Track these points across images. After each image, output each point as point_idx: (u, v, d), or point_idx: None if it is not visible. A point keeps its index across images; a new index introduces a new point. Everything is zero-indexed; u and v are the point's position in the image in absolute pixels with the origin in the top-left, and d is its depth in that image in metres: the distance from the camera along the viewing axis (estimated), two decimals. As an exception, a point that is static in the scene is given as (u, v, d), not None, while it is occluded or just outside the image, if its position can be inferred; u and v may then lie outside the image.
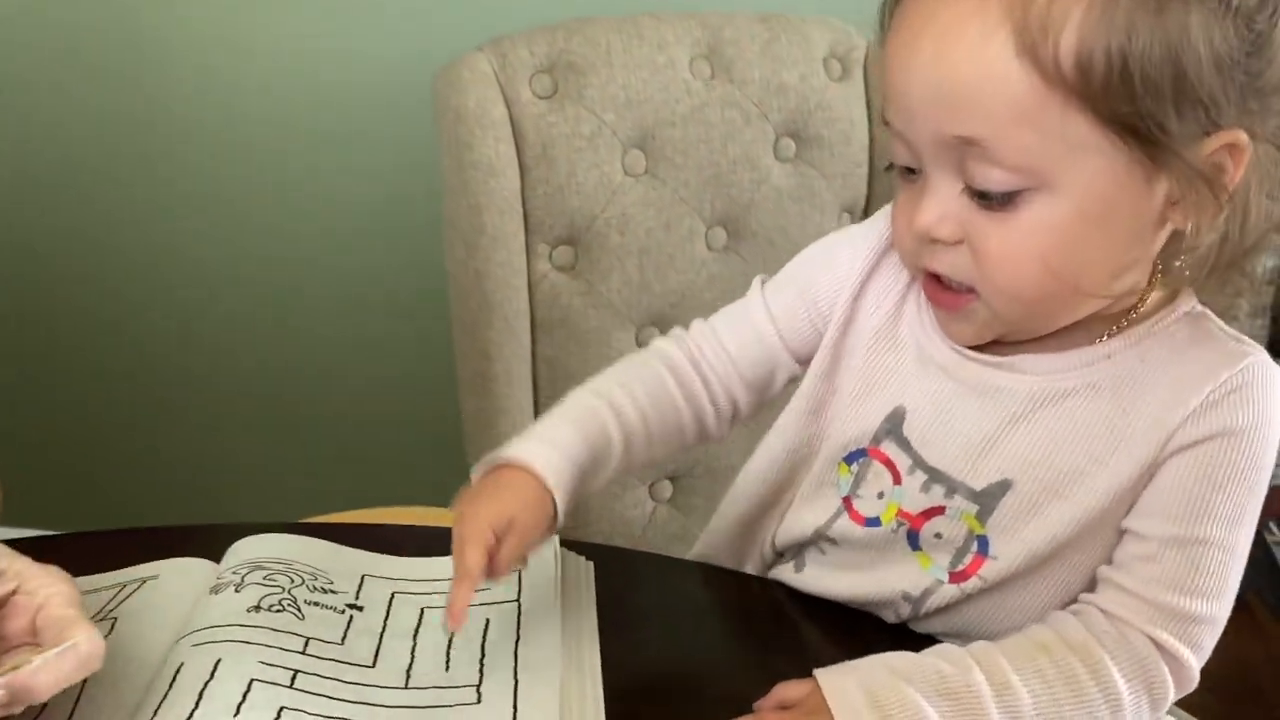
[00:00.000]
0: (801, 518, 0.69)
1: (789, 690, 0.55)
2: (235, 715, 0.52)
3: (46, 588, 0.50)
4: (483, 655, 0.60)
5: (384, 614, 0.63)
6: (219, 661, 0.55)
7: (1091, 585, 0.61)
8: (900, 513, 0.63)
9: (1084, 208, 0.52)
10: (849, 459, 0.65)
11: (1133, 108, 0.49)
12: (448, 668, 0.59)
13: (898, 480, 0.63)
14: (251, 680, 0.54)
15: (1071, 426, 0.59)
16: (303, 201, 1.45)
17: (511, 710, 0.56)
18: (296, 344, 1.50)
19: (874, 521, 0.64)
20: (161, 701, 0.53)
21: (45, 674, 0.47)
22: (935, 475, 0.61)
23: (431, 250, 1.13)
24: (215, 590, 0.62)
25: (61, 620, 0.49)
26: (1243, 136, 0.52)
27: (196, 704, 0.53)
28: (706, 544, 0.77)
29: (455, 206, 1.05)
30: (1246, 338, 0.59)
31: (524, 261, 1.07)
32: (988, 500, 0.60)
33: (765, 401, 0.72)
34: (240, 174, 1.43)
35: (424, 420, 1.44)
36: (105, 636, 0.59)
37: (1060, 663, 0.55)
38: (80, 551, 0.66)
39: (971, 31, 0.50)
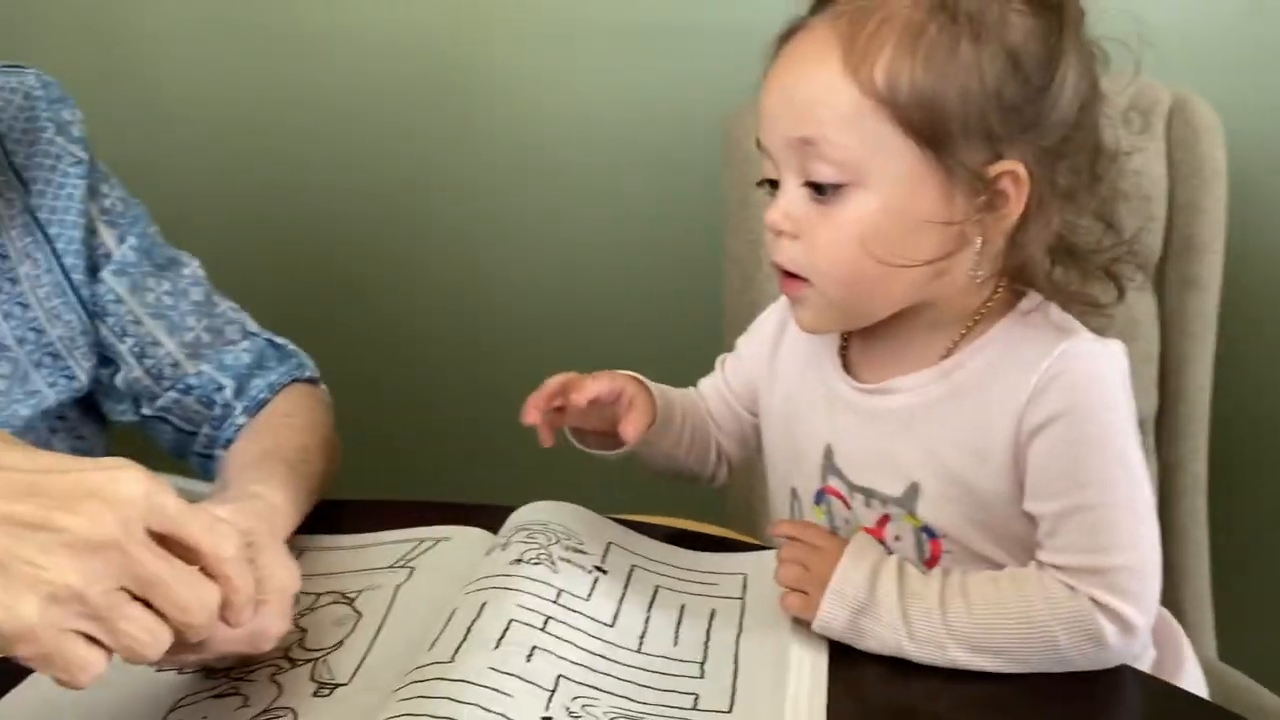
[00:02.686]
0: None
1: (815, 533, 0.69)
2: (495, 648, 0.60)
3: (274, 579, 0.60)
4: (707, 640, 0.66)
5: (624, 582, 0.70)
6: (484, 604, 0.64)
7: None
8: (864, 530, 0.72)
9: (890, 203, 0.64)
10: (817, 500, 0.76)
11: (927, 124, 0.62)
12: (675, 643, 0.65)
13: (848, 506, 0.73)
14: (510, 620, 0.63)
15: (945, 429, 0.68)
16: (597, 221, 1.59)
17: (730, 690, 0.62)
18: (583, 355, 1.63)
19: None
20: (438, 636, 0.62)
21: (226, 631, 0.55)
22: (867, 492, 0.72)
23: (708, 280, 1.22)
24: (488, 553, 0.72)
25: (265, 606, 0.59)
26: (1022, 169, 0.63)
27: (465, 637, 0.61)
28: None
29: (735, 242, 1.13)
30: (1072, 322, 0.68)
31: (796, 298, 1.12)
32: (908, 502, 0.70)
33: (748, 452, 0.86)
34: (546, 193, 1.60)
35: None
36: (403, 583, 0.72)
37: (1010, 588, 0.65)
38: (395, 513, 0.81)
39: (814, 53, 0.64)
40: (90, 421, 0.93)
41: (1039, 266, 0.66)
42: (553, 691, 0.59)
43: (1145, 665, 0.74)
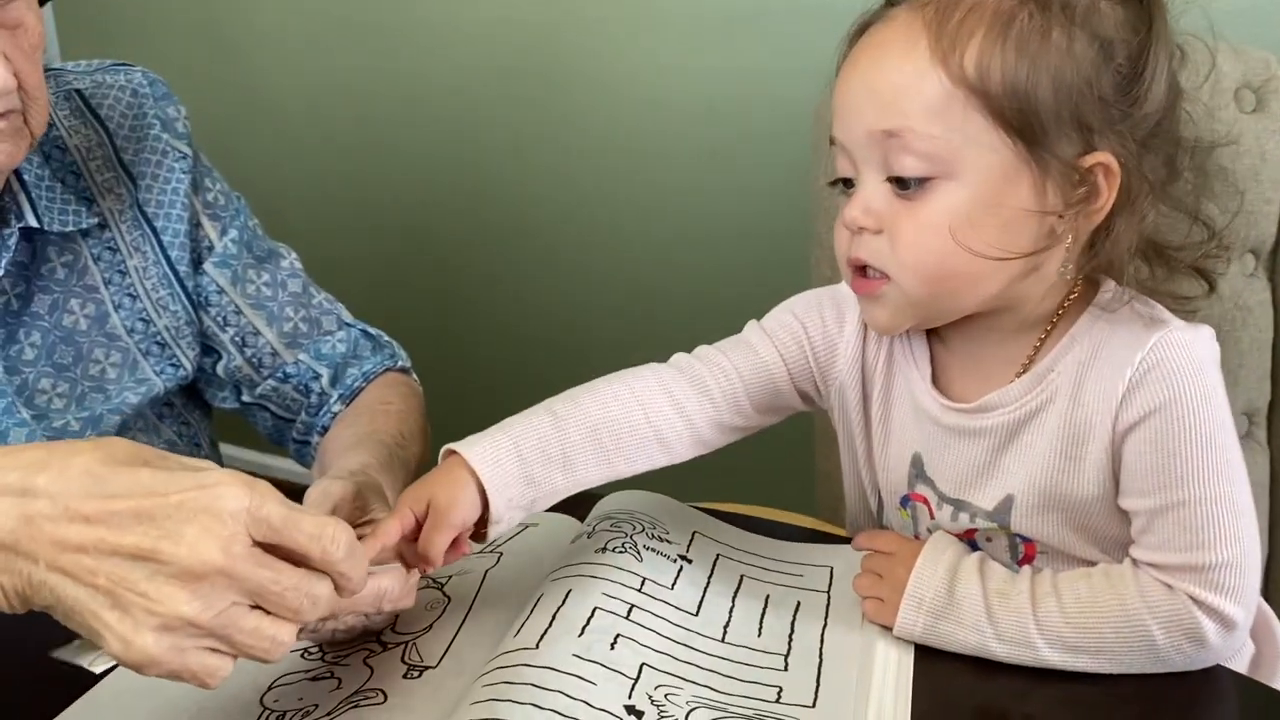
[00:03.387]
0: None
1: (888, 540, 0.70)
2: (580, 635, 0.61)
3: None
4: (791, 631, 0.66)
5: (709, 571, 0.70)
6: (569, 591, 0.65)
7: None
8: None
9: (979, 194, 0.62)
10: (902, 504, 0.75)
11: (1019, 114, 0.60)
12: (759, 634, 0.65)
13: (932, 515, 0.72)
14: (595, 608, 0.63)
15: (1044, 437, 0.66)
16: (687, 207, 1.59)
17: (814, 684, 0.61)
18: (674, 342, 1.64)
19: None
20: (524, 622, 0.64)
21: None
22: (957, 504, 0.70)
23: (796, 265, 1.20)
24: (574, 541, 0.73)
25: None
26: (1113, 161, 0.61)
27: (550, 623, 0.62)
28: None
29: (824, 228, 1.11)
30: (1160, 310, 0.65)
31: (886, 284, 1.10)
32: (1000, 515, 0.69)
33: (768, 422, 0.79)
34: (636, 181, 1.60)
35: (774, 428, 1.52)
36: (492, 568, 0.73)
37: (1104, 585, 0.64)
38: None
39: (899, 43, 0.62)
40: (195, 407, 0.97)
41: (1123, 264, 0.64)
42: (636, 679, 0.59)
43: (1243, 660, 0.72)
